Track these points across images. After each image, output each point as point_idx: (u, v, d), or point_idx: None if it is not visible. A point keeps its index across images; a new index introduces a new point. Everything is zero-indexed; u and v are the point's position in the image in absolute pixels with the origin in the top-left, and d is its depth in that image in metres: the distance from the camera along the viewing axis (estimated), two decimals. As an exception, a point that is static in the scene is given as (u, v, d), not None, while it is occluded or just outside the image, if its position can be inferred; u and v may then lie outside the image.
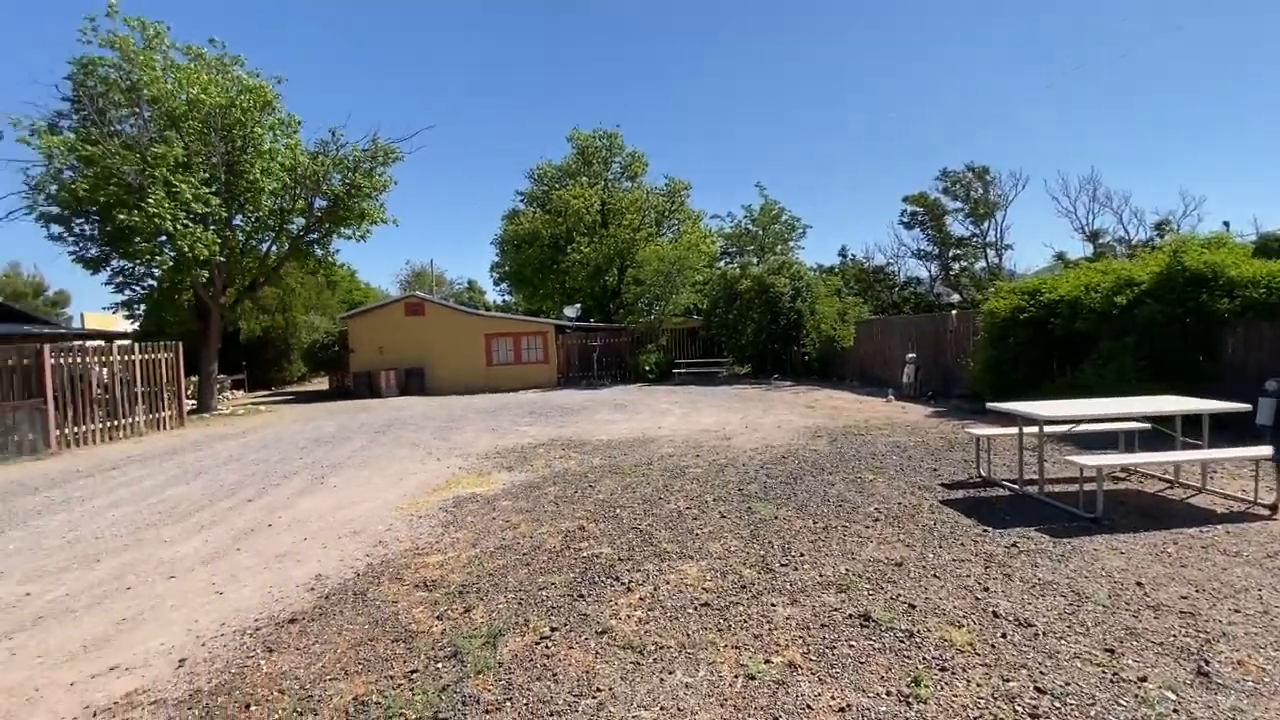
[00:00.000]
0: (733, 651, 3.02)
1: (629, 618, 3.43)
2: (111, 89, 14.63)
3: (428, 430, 11.62)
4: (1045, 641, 3.02)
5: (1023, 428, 5.98)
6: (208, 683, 2.94)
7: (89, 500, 7.03)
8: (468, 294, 59.09)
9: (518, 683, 2.81)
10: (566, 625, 3.36)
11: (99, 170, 13.38)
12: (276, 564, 4.60)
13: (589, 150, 30.09)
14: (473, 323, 22.89)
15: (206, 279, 15.89)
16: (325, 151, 17.49)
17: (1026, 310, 10.82)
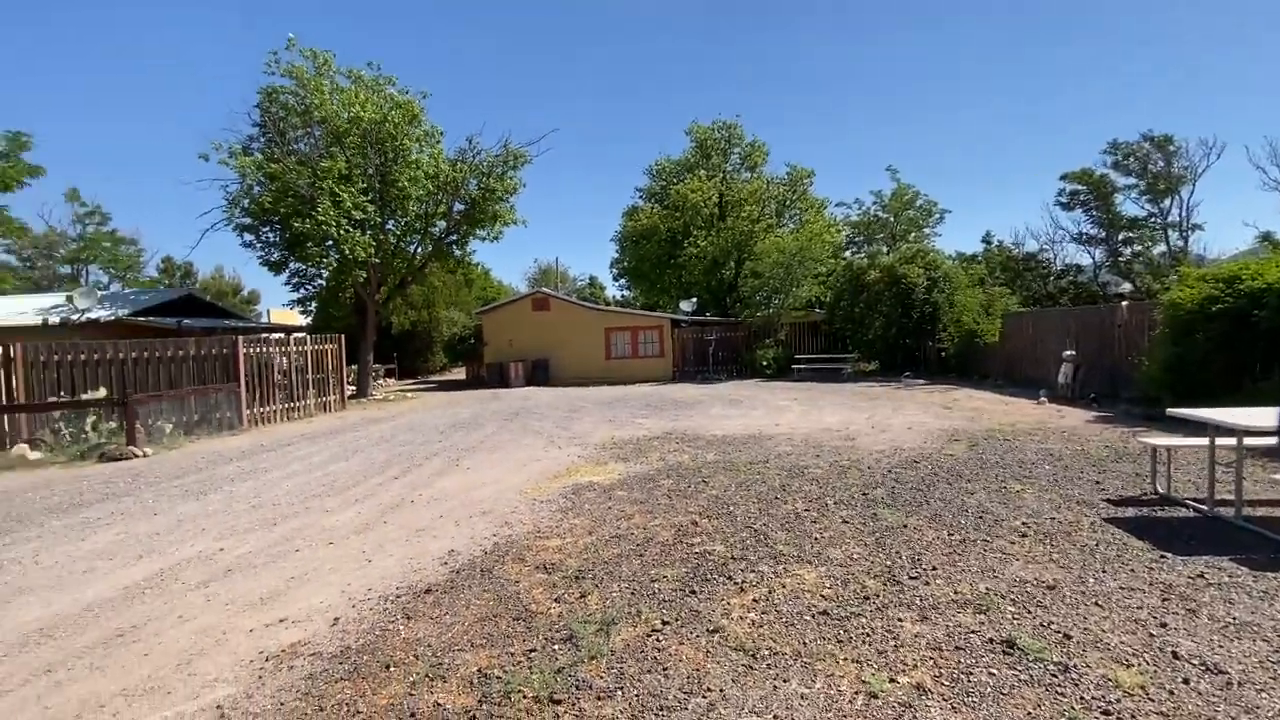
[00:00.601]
0: (853, 666, 2.84)
1: (741, 619, 3.35)
2: (289, 113, 16.77)
3: (550, 419, 12.17)
4: (1241, 693, 2.53)
5: (1215, 439, 5.08)
6: (355, 641, 3.27)
7: (270, 471, 8.13)
8: (589, 289, 61.12)
9: (629, 673, 2.84)
10: (678, 620, 3.35)
11: (279, 185, 15.42)
12: (416, 538, 5.03)
13: (707, 143, 29.86)
14: (593, 317, 23.63)
15: (364, 278, 17.78)
16: (463, 158, 18.84)
17: (1221, 301, 9.19)
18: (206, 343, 12.83)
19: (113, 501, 6.76)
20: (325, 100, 16.27)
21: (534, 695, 2.68)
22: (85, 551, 5.06)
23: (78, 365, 11.42)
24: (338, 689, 2.81)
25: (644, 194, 33.23)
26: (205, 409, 11.97)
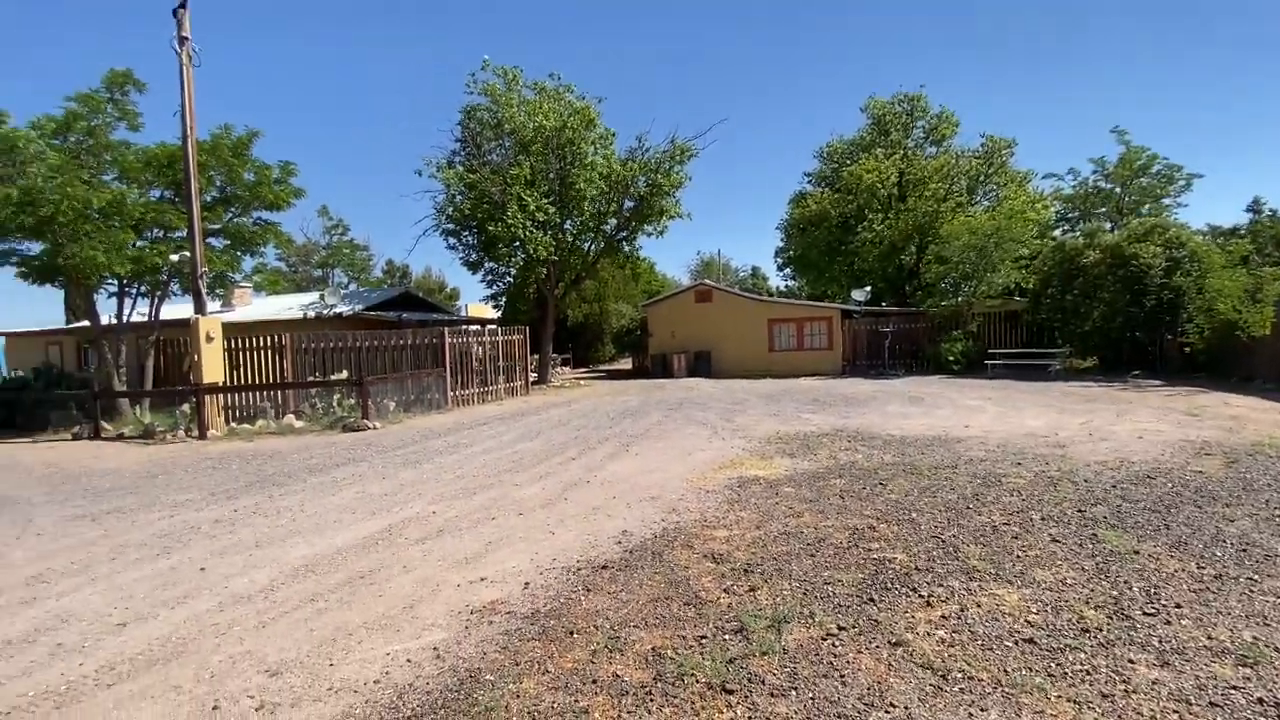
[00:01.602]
0: (1069, 706, 2.48)
1: (928, 635, 3.09)
2: (484, 127, 18.70)
3: (713, 411, 12.23)
4: None
5: None
6: (544, 606, 3.59)
7: (469, 446, 9.19)
8: (751, 280, 60.22)
9: (803, 674, 2.76)
10: (855, 627, 3.18)
11: (476, 193, 17.29)
12: (593, 516, 5.37)
13: (886, 118, 27.65)
14: (756, 308, 23.23)
15: (545, 275, 19.32)
16: (633, 157, 19.56)
17: None
18: (420, 333, 14.85)
19: (352, 465, 8.13)
20: (514, 113, 17.87)
21: (706, 681, 2.73)
22: (334, 505, 6.16)
23: (327, 351, 13.87)
24: (529, 647, 3.10)
25: (813, 178, 31.83)
26: (419, 390, 13.87)
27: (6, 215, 11.01)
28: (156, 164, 13.07)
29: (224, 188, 13.89)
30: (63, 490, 7.44)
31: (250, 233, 14.54)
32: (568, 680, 2.79)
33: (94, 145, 12.61)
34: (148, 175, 13.11)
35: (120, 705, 2.77)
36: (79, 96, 12.38)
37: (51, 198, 10.90)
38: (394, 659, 3.06)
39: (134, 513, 6.19)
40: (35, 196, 10.91)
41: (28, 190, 10.89)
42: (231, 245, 14.54)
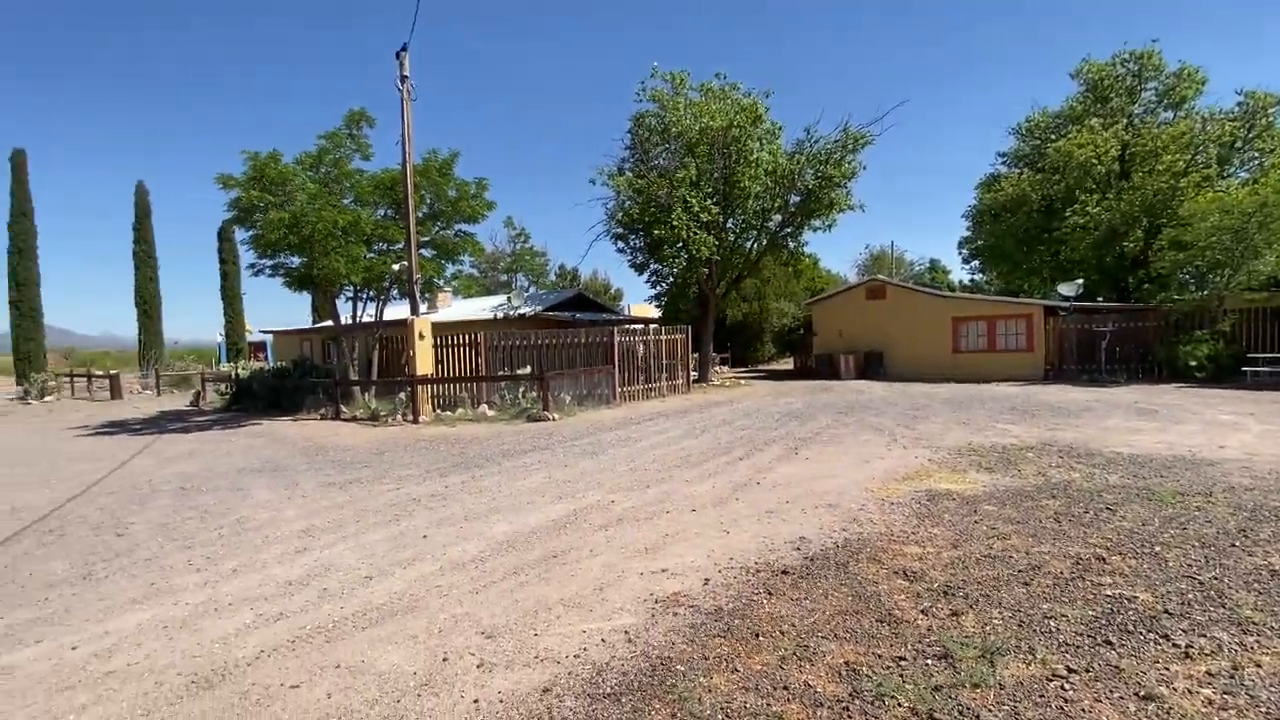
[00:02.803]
0: None
1: (1189, 691, 2.59)
2: (651, 133, 19.27)
3: (890, 416, 11.41)
4: None
5: None
6: (726, 604, 3.61)
7: (638, 441, 9.55)
8: (929, 275, 55.24)
9: (1025, 715, 2.47)
10: (1089, 671, 2.77)
11: (644, 197, 17.88)
12: (766, 519, 5.29)
13: (1105, 83, 23.72)
14: (937, 305, 21.24)
15: (707, 274, 19.43)
16: (800, 150, 18.92)
17: None
18: (591, 332, 15.75)
19: (537, 453, 8.86)
20: (680, 116, 18.20)
21: (910, 706, 2.55)
22: (526, 488, 6.75)
23: (514, 349, 15.26)
24: (716, 644, 3.14)
25: (1008, 159, 28.36)
26: (590, 385, 14.71)
27: (279, 235, 13.62)
28: (382, 187, 15.34)
29: (432, 204, 15.88)
30: (316, 461, 9.04)
31: (452, 243, 16.47)
32: (758, 682, 2.77)
33: (338, 174, 15.12)
34: (375, 197, 15.43)
35: (373, 645, 3.29)
36: (327, 135, 14.93)
37: (310, 220, 13.28)
38: (589, 637, 3.28)
39: (369, 483, 7.33)
40: (299, 219, 13.37)
41: (294, 215, 13.38)
42: (437, 255, 16.57)
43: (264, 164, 13.83)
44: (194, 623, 3.67)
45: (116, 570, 4.65)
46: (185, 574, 4.51)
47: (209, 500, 6.79)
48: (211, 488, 7.44)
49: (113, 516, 6.25)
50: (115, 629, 3.64)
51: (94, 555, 5.04)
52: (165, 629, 3.61)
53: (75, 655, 3.33)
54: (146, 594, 4.16)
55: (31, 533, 5.79)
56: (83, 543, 5.40)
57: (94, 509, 6.62)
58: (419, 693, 2.80)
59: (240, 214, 14.20)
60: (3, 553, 5.22)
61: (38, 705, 2.85)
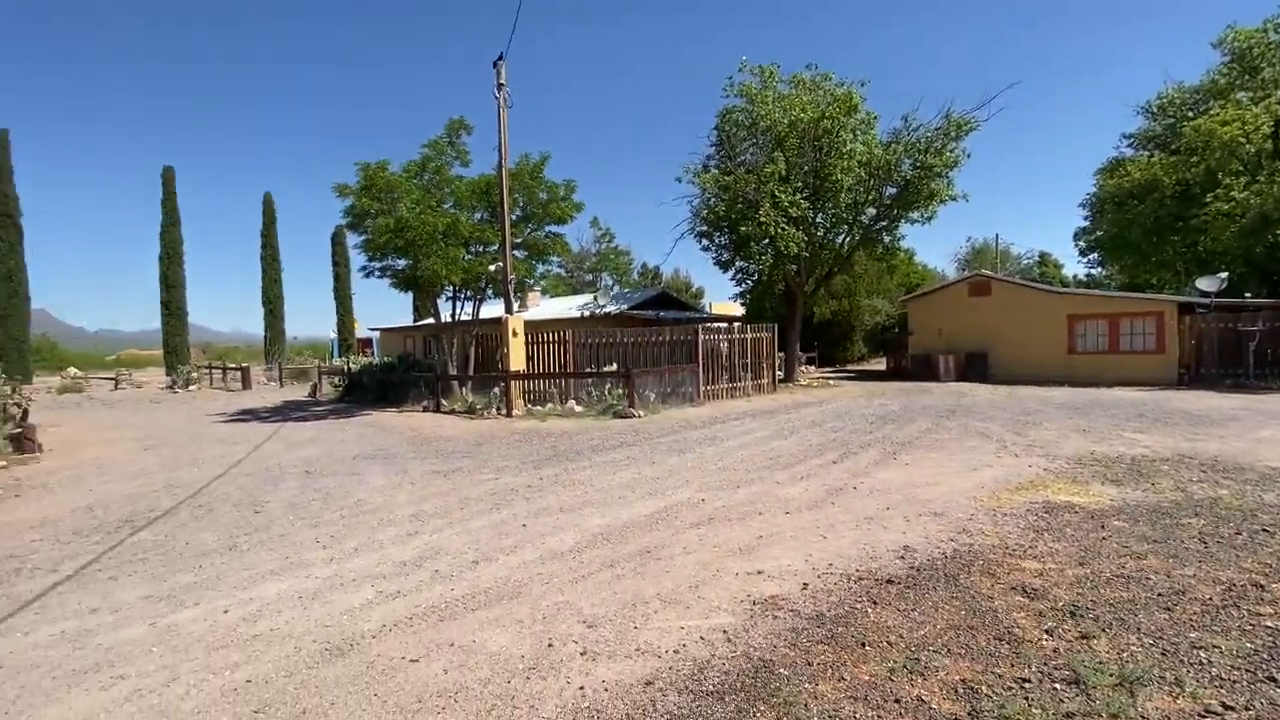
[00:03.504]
0: None
1: (1385, 747, 2.26)
2: (738, 129, 19.01)
3: (998, 421, 10.67)
4: None
5: None
6: (828, 610, 3.51)
7: (725, 440, 9.47)
8: (1038, 269, 51.18)
9: (1177, 754, 2.24)
10: (1249, 709, 2.48)
11: (730, 194, 17.68)
12: (865, 525, 5.10)
13: (1254, 52, 21.04)
14: (1050, 302, 19.62)
15: (795, 271, 18.95)
16: (897, 139, 18.05)
17: None
18: (675, 330, 15.78)
19: (625, 449, 8.99)
20: (769, 110, 17.83)
21: (1038, 732, 2.38)
22: (616, 482, 6.87)
23: (599, 346, 15.56)
24: (819, 650, 3.06)
25: (1135, 140, 25.76)
26: (674, 383, 14.75)
27: (386, 239, 14.61)
28: (478, 192, 16.08)
29: (524, 207, 16.47)
30: (421, 450, 9.62)
31: (542, 244, 17.01)
32: (866, 692, 2.68)
33: (439, 180, 16.01)
34: (472, 201, 16.19)
35: (482, 627, 3.47)
36: (430, 143, 15.83)
37: (414, 224, 14.15)
38: (688, 634, 3.29)
39: (470, 473, 7.72)
40: (404, 224, 14.28)
41: (400, 220, 14.30)
42: (529, 255, 17.18)
43: (374, 173, 14.86)
44: (324, 595, 4.02)
45: (256, 544, 5.17)
46: (314, 550, 4.94)
47: (330, 484, 7.40)
48: (331, 472, 8.10)
49: (250, 495, 6.95)
50: (258, 596, 4.04)
51: (237, 529, 5.62)
52: (300, 599, 3.97)
53: (227, 618, 3.73)
54: (282, 566, 4.59)
55: (186, 507, 6.54)
56: (227, 518, 6.04)
57: (234, 488, 7.39)
58: (527, 675, 2.93)
59: (353, 220, 15.35)
60: (164, 523, 5.93)
61: (199, 660, 3.22)
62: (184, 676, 3.05)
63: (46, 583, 4.42)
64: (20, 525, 6.04)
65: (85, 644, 3.44)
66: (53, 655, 3.33)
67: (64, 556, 5.00)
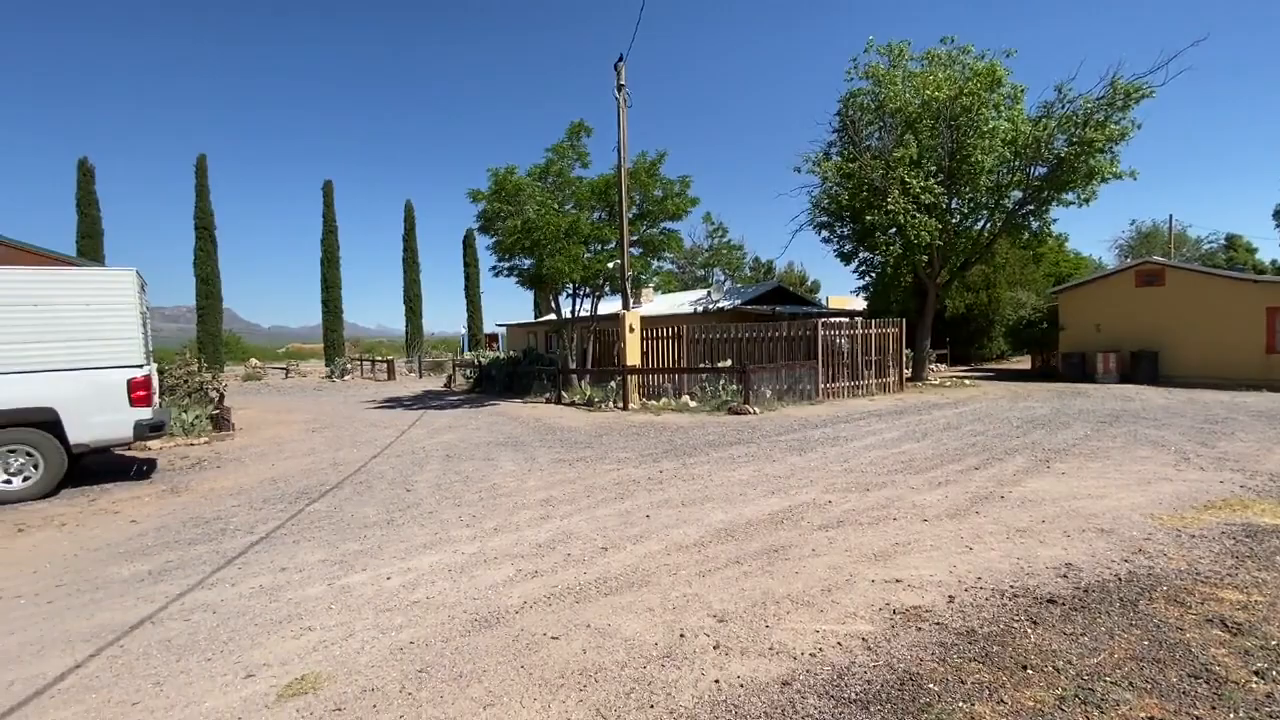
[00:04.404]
0: None
1: None
2: (864, 113, 18.02)
3: (1175, 429, 9.32)
4: None
5: None
6: (979, 627, 3.25)
7: (850, 441, 9.06)
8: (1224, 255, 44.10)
9: None
10: None
11: (854, 182, 16.83)
12: (1018, 538, 4.66)
13: None
14: (1242, 292, 16.77)
15: (926, 262, 17.68)
16: (1049, 114, 16.26)
17: None
18: (793, 325, 15.31)
19: (743, 446, 8.87)
20: (898, 90, 16.75)
21: (1256, 789, 2.05)
22: (736, 479, 6.80)
23: (714, 342, 15.47)
24: (973, 669, 2.84)
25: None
26: (791, 380, 14.33)
27: (514, 240, 15.46)
28: (597, 192, 16.58)
29: (641, 204, 16.73)
30: (547, 439, 10.10)
31: (658, 240, 17.19)
32: (1032, 720, 2.45)
33: (561, 182, 16.68)
34: (592, 201, 16.71)
35: (615, 612, 3.58)
36: (554, 147, 16.53)
37: (539, 225, 14.86)
38: (823, 638, 3.19)
39: (593, 463, 8.00)
40: (530, 225, 15.04)
41: (526, 221, 15.08)
42: (644, 252, 17.44)
43: (503, 178, 15.77)
44: (470, 570, 4.34)
45: (409, 519, 5.69)
46: (459, 528, 5.35)
47: (468, 467, 7.98)
48: (469, 456, 8.73)
49: (401, 475, 7.67)
50: (414, 567, 4.45)
51: (392, 505, 6.22)
52: (449, 572, 4.31)
53: (390, 584, 4.14)
54: (432, 541, 5.02)
55: (349, 483, 7.34)
56: (383, 494, 6.70)
57: (388, 467, 8.19)
58: (662, 663, 2.98)
59: (484, 223, 16.39)
60: (333, 496, 6.70)
61: (369, 620, 3.60)
62: (358, 633, 3.42)
63: (245, 542, 5.16)
64: (222, 492, 7.09)
65: (278, 597, 3.97)
66: (254, 605, 3.87)
67: (257, 521, 5.80)
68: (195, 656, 3.22)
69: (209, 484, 7.56)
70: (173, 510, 6.33)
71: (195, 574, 4.44)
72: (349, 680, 2.92)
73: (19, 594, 4.20)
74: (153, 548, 5.11)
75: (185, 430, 11.19)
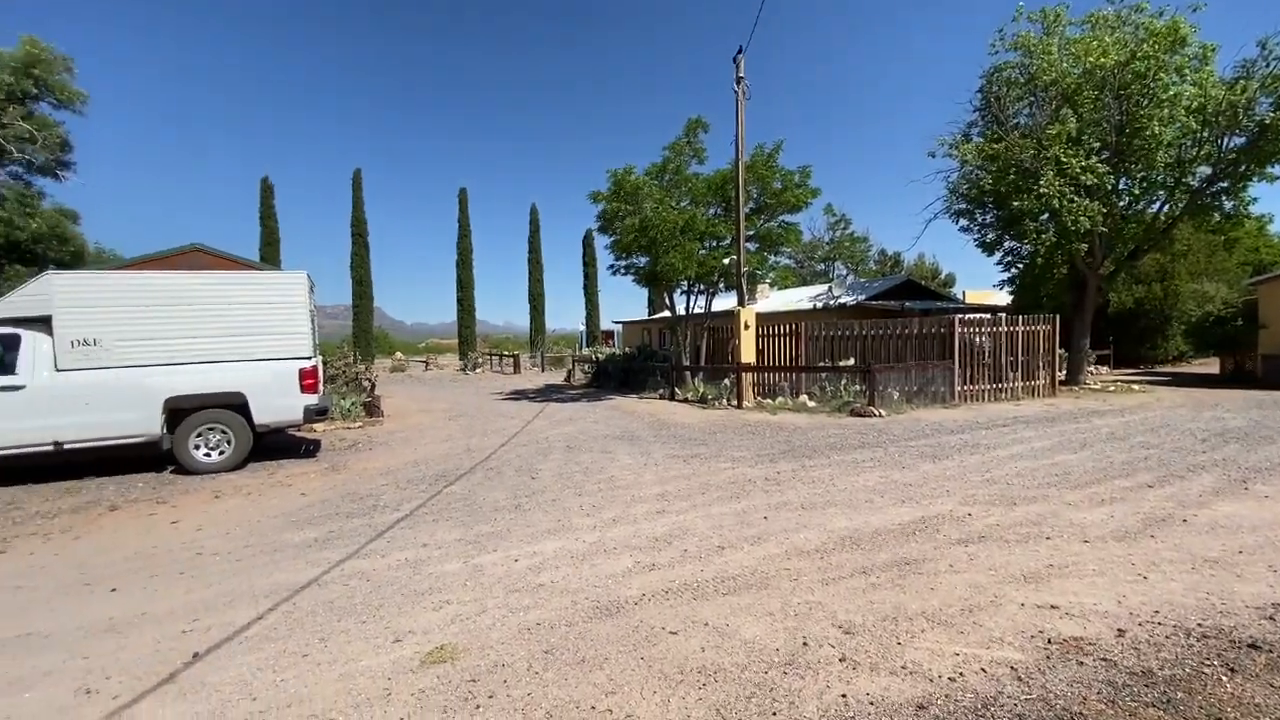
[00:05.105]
0: None
1: None
2: (1011, 88, 16.34)
3: None
4: None
5: None
6: (1159, 668, 2.82)
7: (992, 449, 8.27)
8: None
9: None
10: None
11: (999, 164, 15.31)
12: (1207, 569, 3.99)
13: None
14: None
15: (1085, 251, 15.73)
16: (1249, 74, 13.81)
17: None
18: (925, 322, 14.25)
19: (868, 450, 8.40)
20: (1053, 60, 15.01)
21: None
22: (860, 485, 6.44)
23: (834, 339, 14.79)
24: (1151, 715, 2.47)
25: None
26: (922, 381, 13.36)
27: (632, 239, 15.75)
28: (713, 187, 16.45)
29: (758, 198, 16.38)
30: (661, 435, 10.19)
31: (775, 234, 16.75)
32: (1233, 786, 2.08)
33: (677, 179, 16.74)
34: (708, 197, 16.62)
35: (734, 612, 3.51)
36: (671, 145, 16.63)
37: (655, 223, 15.02)
38: (965, 662, 2.92)
39: (707, 460, 7.95)
40: (647, 224, 15.24)
41: (643, 220, 15.31)
42: (760, 247, 17.06)
43: (621, 178, 16.11)
44: (590, 558, 4.47)
45: (534, 506, 5.98)
46: (580, 517, 5.54)
47: (587, 459, 8.25)
48: (588, 449, 9.03)
49: (527, 463, 8.08)
50: (539, 551, 4.66)
51: (519, 491, 6.57)
52: (571, 558, 4.47)
53: (518, 566, 4.36)
54: (555, 528, 5.23)
55: (480, 469, 7.86)
56: (511, 480, 7.10)
57: (514, 455, 8.67)
58: (784, 670, 2.88)
59: (603, 222, 16.85)
60: (466, 480, 7.20)
61: (498, 600, 3.81)
62: (490, 610, 3.64)
63: (393, 518, 5.68)
64: (373, 472, 7.86)
65: (420, 571, 4.33)
66: (399, 576, 4.24)
67: (402, 499, 6.37)
68: (352, 619, 3.58)
69: (363, 464, 8.43)
70: (333, 486, 7.12)
71: (352, 544, 4.96)
72: (482, 654, 3.11)
73: (216, 552, 4.92)
74: (318, 518, 5.77)
75: (343, 415, 12.56)
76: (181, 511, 6.18)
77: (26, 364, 7.25)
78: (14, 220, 14.11)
